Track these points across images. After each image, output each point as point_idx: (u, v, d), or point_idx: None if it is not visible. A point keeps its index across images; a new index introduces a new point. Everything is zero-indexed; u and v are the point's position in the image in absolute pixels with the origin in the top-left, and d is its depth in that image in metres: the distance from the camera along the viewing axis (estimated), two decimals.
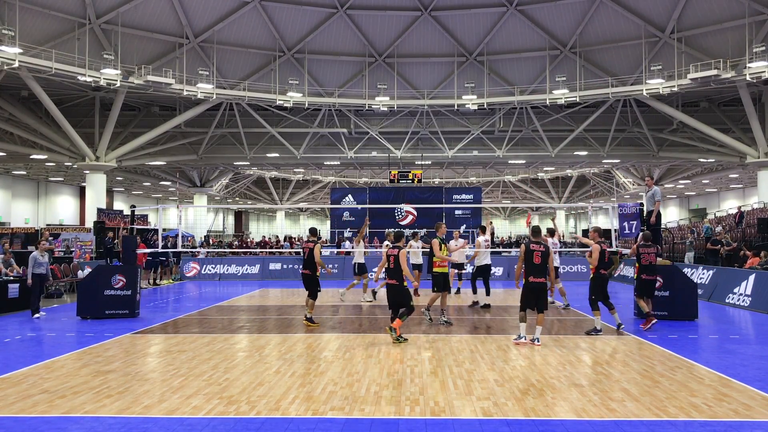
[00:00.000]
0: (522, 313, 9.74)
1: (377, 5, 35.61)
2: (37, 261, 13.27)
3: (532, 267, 9.61)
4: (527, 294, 9.63)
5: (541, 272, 9.62)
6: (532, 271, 9.60)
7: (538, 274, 9.59)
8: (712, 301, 16.12)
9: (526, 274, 9.68)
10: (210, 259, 26.98)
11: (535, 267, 9.60)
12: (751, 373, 7.77)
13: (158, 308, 15.17)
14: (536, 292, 9.59)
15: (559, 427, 5.68)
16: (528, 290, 9.62)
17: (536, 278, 9.58)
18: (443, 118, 40.34)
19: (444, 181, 58.91)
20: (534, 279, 9.58)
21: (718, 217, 37.45)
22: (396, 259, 9.88)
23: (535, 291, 9.59)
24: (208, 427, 5.69)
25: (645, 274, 11.60)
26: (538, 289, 9.60)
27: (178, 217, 16.74)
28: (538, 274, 9.59)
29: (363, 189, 42.11)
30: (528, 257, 9.63)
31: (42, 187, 53.01)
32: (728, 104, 36.61)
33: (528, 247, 9.70)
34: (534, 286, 9.59)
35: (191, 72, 34.45)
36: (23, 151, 35.97)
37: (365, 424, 5.78)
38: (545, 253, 9.65)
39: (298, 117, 39.51)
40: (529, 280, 9.61)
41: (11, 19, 27.72)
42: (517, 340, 9.77)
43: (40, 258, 13.40)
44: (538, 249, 9.65)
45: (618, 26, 34.59)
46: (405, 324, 10.28)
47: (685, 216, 62.56)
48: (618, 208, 14.21)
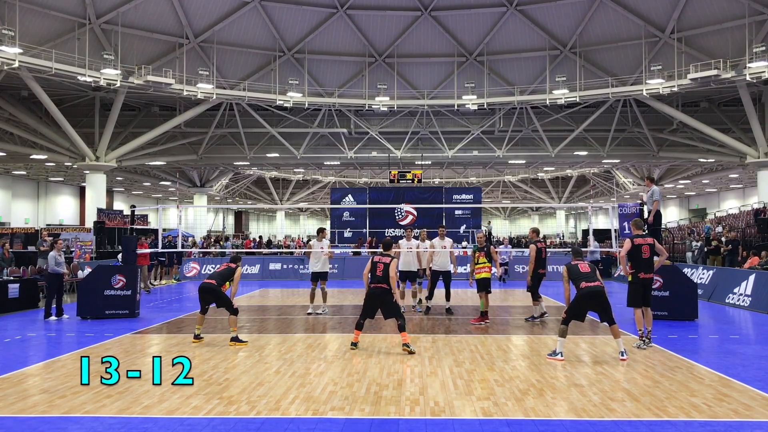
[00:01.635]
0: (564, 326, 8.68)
1: (377, 5, 35.61)
2: (57, 261, 13.15)
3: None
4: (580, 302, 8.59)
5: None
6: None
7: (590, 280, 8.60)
8: (712, 301, 16.12)
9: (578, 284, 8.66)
10: (210, 259, 26.98)
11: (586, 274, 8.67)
12: (751, 373, 7.77)
13: (158, 308, 15.16)
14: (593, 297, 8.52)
15: (559, 427, 5.68)
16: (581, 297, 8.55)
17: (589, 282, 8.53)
18: (443, 118, 40.35)
19: (444, 181, 58.93)
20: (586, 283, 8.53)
21: (719, 217, 37.47)
22: (386, 267, 9.32)
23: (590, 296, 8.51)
24: (208, 427, 5.69)
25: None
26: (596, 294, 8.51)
27: (178, 217, 16.74)
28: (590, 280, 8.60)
29: (363, 189, 42.08)
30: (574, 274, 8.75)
31: (42, 187, 53.01)
32: (728, 104, 36.60)
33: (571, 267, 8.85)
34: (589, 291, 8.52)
35: (191, 72, 34.45)
36: (23, 151, 35.98)
37: (365, 424, 5.78)
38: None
39: (298, 117, 39.52)
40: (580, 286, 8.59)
41: (11, 19, 27.72)
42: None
43: (59, 257, 13.29)
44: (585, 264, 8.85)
45: (618, 26, 34.59)
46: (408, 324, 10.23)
47: (685, 216, 62.58)
48: (618, 208, 14.22)
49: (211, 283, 10.03)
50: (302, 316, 13.34)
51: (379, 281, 9.26)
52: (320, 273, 13.35)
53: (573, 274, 8.70)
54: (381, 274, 9.26)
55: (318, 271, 13.35)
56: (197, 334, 10.18)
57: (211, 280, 10.13)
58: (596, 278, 8.54)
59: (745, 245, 21.04)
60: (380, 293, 9.24)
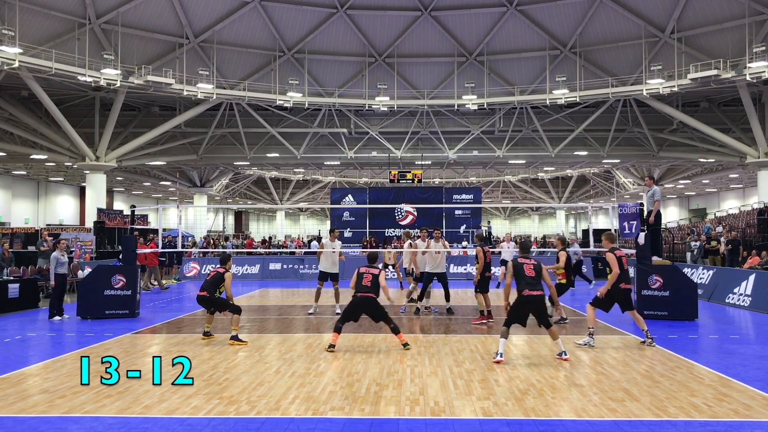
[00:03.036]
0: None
1: (377, 5, 35.60)
2: (59, 261, 13.09)
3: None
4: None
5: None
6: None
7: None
8: (712, 301, 16.11)
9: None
10: (210, 259, 26.99)
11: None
12: (751, 373, 7.77)
13: (158, 308, 15.16)
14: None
15: (559, 427, 5.68)
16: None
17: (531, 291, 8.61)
18: (443, 118, 40.35)
19: (444, 181, 58.93)
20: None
21: (719, 217, 37.47)
22: (375, 278, 9.38)
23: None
24: (208, 427, 5.70)
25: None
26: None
27: (178, 217, 16.74)
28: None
29: (363, 189, 42.07)
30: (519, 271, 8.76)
31: (42, 187, 53.02)
32: (728, 104, 36.59)
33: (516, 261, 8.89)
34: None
35: (191, 72, 34.45)
36: (23, 151, 35.98)
37: (365, 424, 5.78)
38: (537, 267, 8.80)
39: (298, 117, 39.51)
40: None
41: (11, 19, 27.71)
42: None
43: (62, 258, 13.24)
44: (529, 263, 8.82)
45: (618, 26, 34.59)
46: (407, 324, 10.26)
47: (685, 216, 62.59)
48: (618, 208, 14.22)
49: (204, 295, 10.02)
50: (302, 316, 13.34)
51: (367, 291, 9.36)
52: (331, 273, 13.33)
53: (518, 274, 8.66)
54: (369, 284, 9.37)
55: (329, 272, 13.31)
56: (206, 331, 10.26)
57: (203, 292, 10.05)
58: (539, 286, 8.59)
59: (745, 245, 21.04)
60: (366, 302, 9.34)
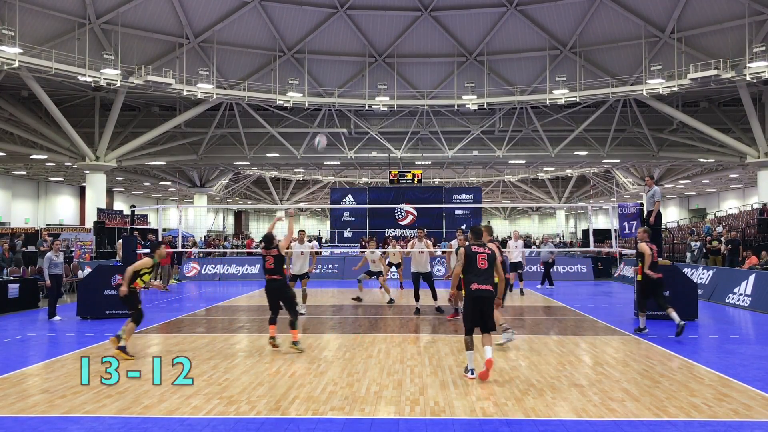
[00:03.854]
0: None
1: (377, 5, 35.61)
2: (52, 261, 13.10)
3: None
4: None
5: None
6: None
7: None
8: (712, 301, 16.12)
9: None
10: (210, 259, 26.98)
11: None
12: (751, 373, 7.77)
13: (158, 308, 15.16)
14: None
15: (559, 427, 5.68)
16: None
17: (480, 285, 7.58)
18: (443, 118, 40.34)
19: (444, 181, 58.93)
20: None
21: (719, 217, 37.47)
22: (275, 259, 9.17)
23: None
24: (208, 427, 5.69)
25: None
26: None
27: (178, 217, 16.74)
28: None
29: (363, 189, 42.10)
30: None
31: (42, 187, 53.00)
32: (728, 104, 36.59)
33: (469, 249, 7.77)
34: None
35: (191, 72, 34.45)
36: (23, 151, 35.97)
37: (365, 424, 5.78)
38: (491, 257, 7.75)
39: (298, 117, 39.51)
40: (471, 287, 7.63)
41: (11, 19, 27.71)
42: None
43: (56, 258, 13.24)
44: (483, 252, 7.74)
45: (618, 26, 34.59)
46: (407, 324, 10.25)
47: (685, 216, 62.58)
48: (618, 208, 14.22)
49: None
50: (302, 316, 13.34)
51: (272, 273, 9.24)
52: (301, 275, 13.51)
53: (468, 264, 7.62)
54: (272, 266, 9.22)
55: (299, 274, 13.50)
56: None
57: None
58: (490, 280, 7.61)
59: (745, 245, 21.04)
60: (276, 286, 9.26)
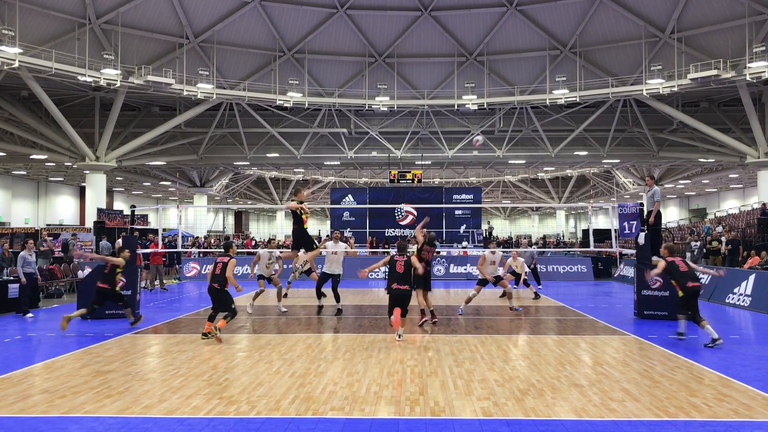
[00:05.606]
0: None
1: (377, 5, 35.60)
2: (26, 260, 13.29)
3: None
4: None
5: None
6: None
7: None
8: (712, 301, 16.12)
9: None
10: (210, 259, 26.97)
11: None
12: (751, 373, 7.77)
13: (158, 308, 15.16)
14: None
15: (559, 427, 5.68)
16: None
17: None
18: (443, 118, 40.34)
19: (444, 181, 58.93)
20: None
21: (719, 217, 37.45)
22: (224, 266, 10.27)
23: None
24: (208, 427, 5.69)
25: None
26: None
27: (178, 217, 16.74)
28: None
29: (363, 189, 42.12)
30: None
31: (42, 187, 53.01)
32: (728, 104, 36.59)
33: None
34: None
35: (191, 72, 34.45)
36: (23, 151, 35.97)
37: (365, 424, 5.78)
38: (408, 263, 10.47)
39: (298, 117, 39.51)
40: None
41: (11, 19, 27.72)
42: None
43: (29, 257, 13.42)
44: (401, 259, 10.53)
45: (618, 26, 34.59)
46: (407, 325, 10.23)
47: (685, 216, 62.58)
48: (618, 208, 14.22)
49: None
50: (302, 316, 13.36)
51: (217, 280, 10.27)
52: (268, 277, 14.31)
53: (390, 269, 10.43)
54: (219, 272, 10.29)
55: (266, 276, 14.30)
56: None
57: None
58: (407, 281, 10.32)
59: (745, 245, 21.03)
60: (215, 290, 10.31)
